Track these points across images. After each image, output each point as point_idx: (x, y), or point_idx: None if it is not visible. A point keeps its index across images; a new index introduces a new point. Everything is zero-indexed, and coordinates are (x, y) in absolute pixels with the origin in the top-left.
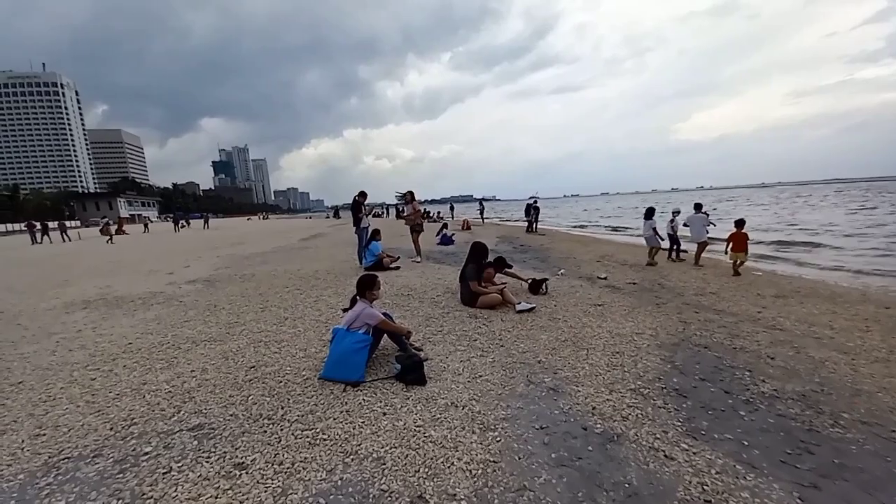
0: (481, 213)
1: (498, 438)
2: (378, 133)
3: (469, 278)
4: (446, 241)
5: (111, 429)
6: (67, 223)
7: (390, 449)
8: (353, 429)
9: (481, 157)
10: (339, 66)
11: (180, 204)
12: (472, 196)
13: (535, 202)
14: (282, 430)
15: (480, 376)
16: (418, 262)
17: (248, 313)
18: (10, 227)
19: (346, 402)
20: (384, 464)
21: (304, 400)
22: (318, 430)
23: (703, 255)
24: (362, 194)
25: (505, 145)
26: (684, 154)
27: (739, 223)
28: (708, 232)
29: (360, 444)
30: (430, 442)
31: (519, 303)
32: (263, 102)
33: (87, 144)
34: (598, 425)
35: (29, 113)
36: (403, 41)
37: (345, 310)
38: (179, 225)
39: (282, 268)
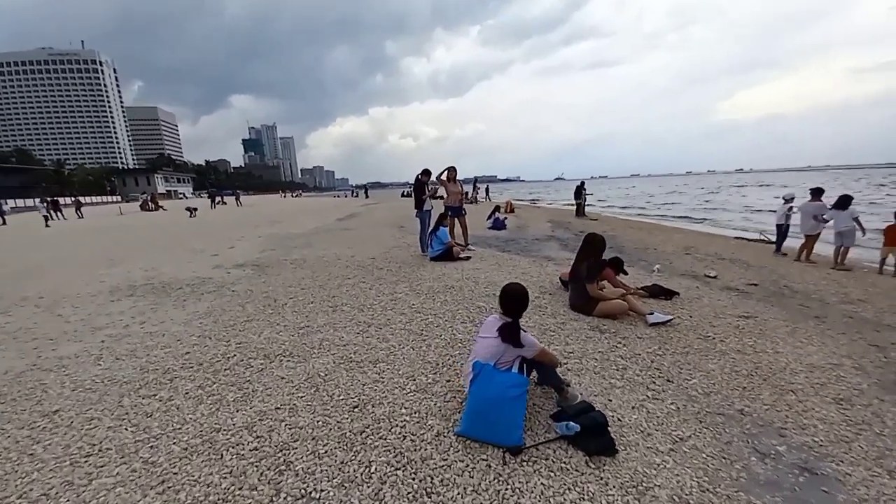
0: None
1: None
2: (403, 111)
3: (584, 278)
4: (498, 225)
5: None
6: (102, 198)
7: None
8: None
9: (506, 136)
10: (366, 43)
11: (213, 180)
12: (495, 176)
13: (583, 182)
14: None
15: (680, 438)
16: (473, 251)
17: (318, 314)
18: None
19: (516, 489)
20: None
21: (454, 479)
22: None
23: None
24: (426, 172)
25: (531, 124)
26: (725, 135)
27: None
28: (824, 224)
29: None
30: None
31: (651, 313)
32: (291, 80)
33: (125, 121)
34: None
35: (70, 90)
36: (432, 14)
37: (514, 343)
38: (216, 202)
39: (331, 252)
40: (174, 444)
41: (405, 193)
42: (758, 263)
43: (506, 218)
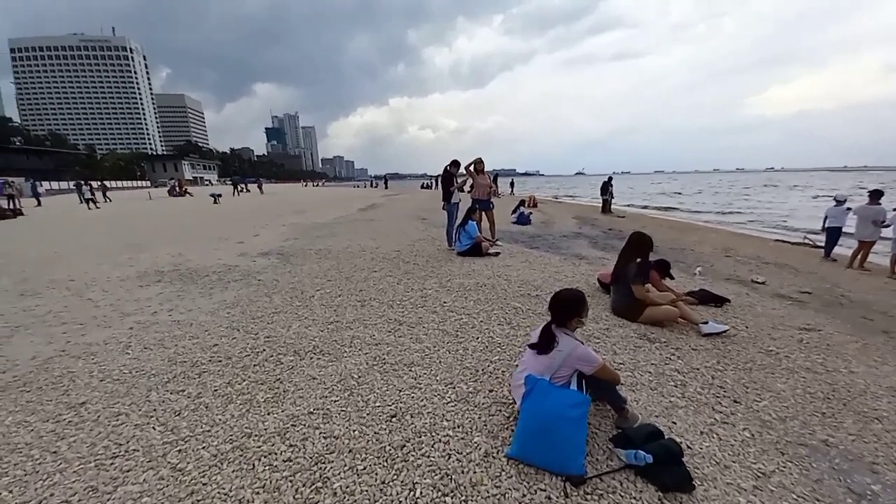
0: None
1: None
2: (423, 102)
3: (630, 280)
4: (523, 220)
5: None
6: (132, 183)
7: None
8: None
9: (526, 129)
10: (387, 31)
11: (237, 168)
12: (514, 170)
13: (611, 178)
14: None
15: (763, 474)
16: (501, 246)
17: (347, 308)
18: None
19: None
20: None
21: None
22: None
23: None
24: (455, 164)
25: (552, 117)
26: (753, 132)
27: None
28: (882, 230)
29: None
30: None
31: (705, 321)
32: (313, 69)
33: (154, 108)
34: None
35: (101, 76)
36: (455, 1)
37: (534, 347)
38: (239, 189)
39: (356, 243)
40: (203, 448)
41: (425, 185)
42: (806, 269)
43: (531, 213)
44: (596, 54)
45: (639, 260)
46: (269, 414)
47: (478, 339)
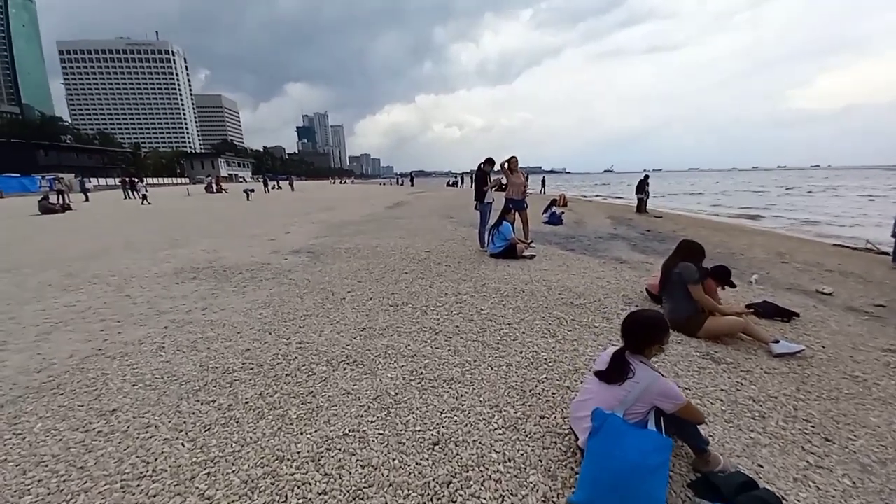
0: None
1: None
2: (449, 99)
3: (689, 281)
4: (555, 220)
5: None
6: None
7: None
8: None
9: (553, 126)
10: (414, 29)
11: (269, 166)
12: (540, 167)
13: (647, 176)
14: None
15: None
16: (535, 248)
17: (379, 313)
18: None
19: None
20: None
21: None
22: None
23: None
24: (489, 162)
25: (580, 113)
26: (797, 126)
27: None
28: None
29: None
30: None
31: (776, 340)
32: (343, 69)
33: (193, 108)
34: None
35: (145, 78)
36: None
37: (603, 376)
38: (271, 186)
39: (385, 242)
40: (233, 472)
41: (451, 182)
42: (874, 278)
43: (562, 212)
44: (627, 47)
45: (701, 267)
46: (301, 433)
47: (521, 353)
